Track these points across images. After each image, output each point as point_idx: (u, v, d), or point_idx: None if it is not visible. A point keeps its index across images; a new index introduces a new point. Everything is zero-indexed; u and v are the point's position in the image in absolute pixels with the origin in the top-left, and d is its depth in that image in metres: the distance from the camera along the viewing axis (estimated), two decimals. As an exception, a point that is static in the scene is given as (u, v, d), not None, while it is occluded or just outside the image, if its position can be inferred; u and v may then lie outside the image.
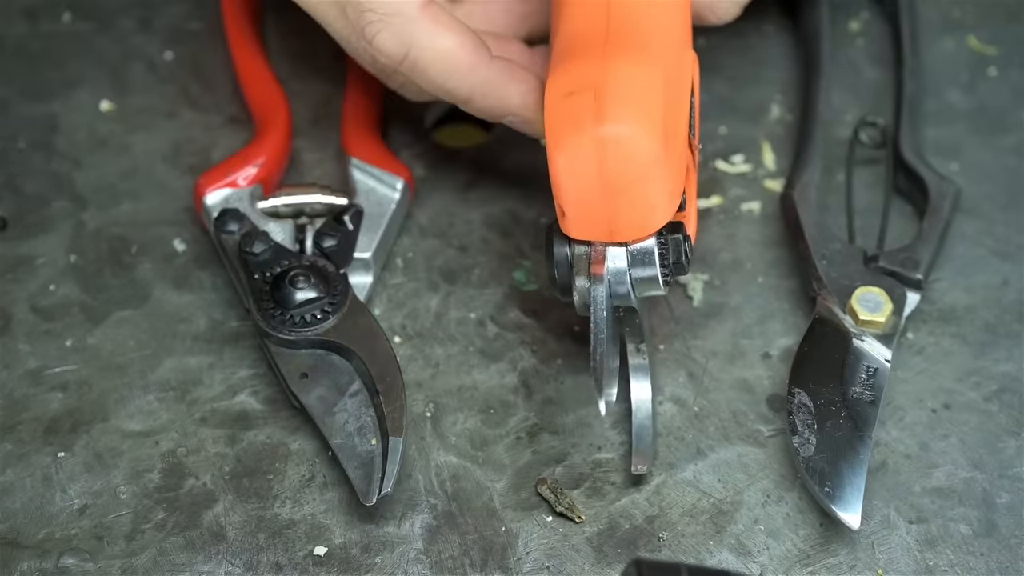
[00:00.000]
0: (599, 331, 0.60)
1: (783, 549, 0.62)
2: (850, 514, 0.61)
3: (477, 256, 0.71)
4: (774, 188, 0.74)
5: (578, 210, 0.61)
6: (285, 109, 0.72)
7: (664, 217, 0.61)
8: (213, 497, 0.63)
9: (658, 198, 0.60)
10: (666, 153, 0.60)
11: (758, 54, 0.77)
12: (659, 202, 0.60)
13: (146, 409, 0.66)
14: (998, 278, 0.71)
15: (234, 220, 0.68)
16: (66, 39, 0.79)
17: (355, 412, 0.63)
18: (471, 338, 0.68)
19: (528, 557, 0.62)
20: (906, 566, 0.61)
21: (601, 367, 0.59)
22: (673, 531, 0.62)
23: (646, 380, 0.64)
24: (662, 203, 0.61)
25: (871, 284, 0.67)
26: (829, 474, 0.61)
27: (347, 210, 0.69)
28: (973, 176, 0.74)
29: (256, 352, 0.67)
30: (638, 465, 0.63)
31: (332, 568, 0.61)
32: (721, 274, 0.71)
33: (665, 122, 0.60)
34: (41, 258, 0.71)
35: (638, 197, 0.60)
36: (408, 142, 0.75)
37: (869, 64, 0.79)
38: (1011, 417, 0.66)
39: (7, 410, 0.65)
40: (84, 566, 0.61)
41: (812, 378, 0.64)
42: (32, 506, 0.63)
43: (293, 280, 0.65)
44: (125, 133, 0.75)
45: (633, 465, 0.63)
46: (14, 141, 0.75)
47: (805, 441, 0.62)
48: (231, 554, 0.62)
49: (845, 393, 0.64)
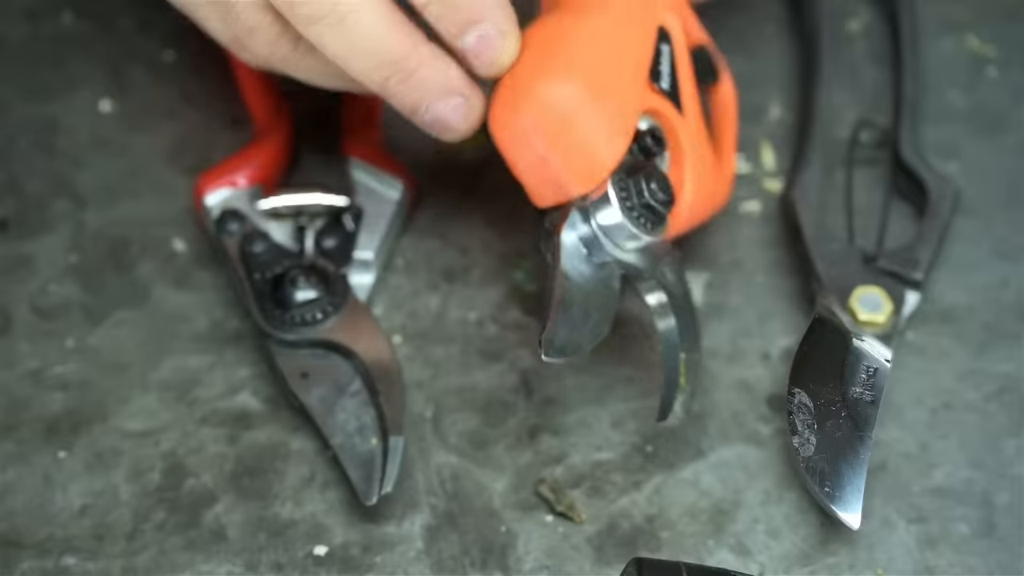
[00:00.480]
0: (558, 288, 0.60)
1: (783, 549, 0.62)
2: (850, 514, 0.61)
3: (477, 256, 0.71)
4: (774, 188, 0.74)
5: (530, 177, 0.62)
6: (285, 109, 0.73)
7: (609, 161, 0.61)
8: (213, 497, 0.63)
9: (595, 143, 0.61)
10: (593, 97, 0.61)
11: (758, 54, 0.77)
12: (597, 147, 0.61)
13: (146, 409, 0.66)
14: (998, 278, 0.71)
15: (234, 220, 0.68)
16: (66, 39, 0.79)
17: (355, 412, 0.63)
18: (471, 338, 0.68)
19: (528, 557, 0.62)
20: (906, 566, 0.61)
21: (555, 326, 0.59)
22: (673, 531, 0.62)
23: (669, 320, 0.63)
24: (600, 147, 0.61)
25: (871, 284, 0.67)
26: (829, 474, 0.61)
27: (347, 210, 0.69)
28: (973, 176, 0.74)
29: (256, 352, 0.67)
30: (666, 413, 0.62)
31: (332, 568, 0.61)
32: (721, 274, 0.71)
33: (590, 68, 0.61)
34: (41, 258, 0.71)
35: (572, 145, 0.61)
36: (408, 142, 0.75)
37: (869, 64, 0.79)
38: (1011, 417, 0.66)
39: (7, 410, 0.66)
40: (84, 566, 0.61)
41: (812, 378, 0.64)
42: (33, 506, 0.63)
43: (293, 280, 0.65)
44: (125, 133, 0.75)
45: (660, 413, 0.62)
46: (14, 141, 0.75)
47: (805, 441, 0.62)
48: (231, 554, 0.62)
49: (845, 393, 0.64)
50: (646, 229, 0.62)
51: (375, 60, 0.62)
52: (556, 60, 0.62)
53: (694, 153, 0.64)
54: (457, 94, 0.63)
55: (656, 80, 0.64)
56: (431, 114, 0.64)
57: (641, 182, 0.62)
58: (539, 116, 0.61)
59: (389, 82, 0.63)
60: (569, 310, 0.60)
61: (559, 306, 0.60)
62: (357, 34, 0.61)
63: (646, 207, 0.62)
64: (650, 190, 0.61)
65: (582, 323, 0.60)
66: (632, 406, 0.66)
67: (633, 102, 0.63)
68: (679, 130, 0.64)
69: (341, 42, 0.61)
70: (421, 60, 0.62)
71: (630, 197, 0.62)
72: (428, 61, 0.62)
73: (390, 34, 0.61)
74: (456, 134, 0.64)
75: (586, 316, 0.61)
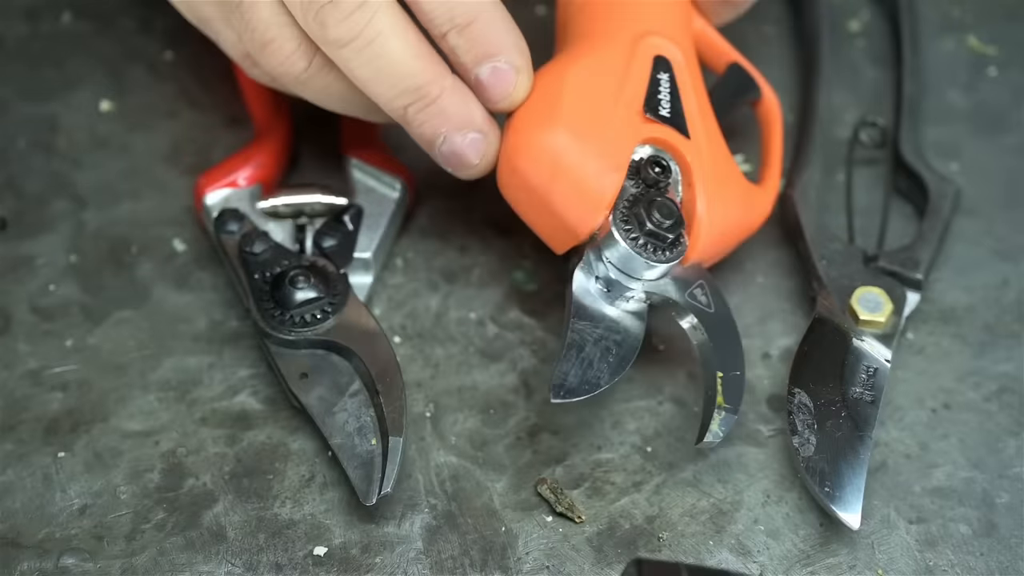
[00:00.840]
0: (568, 333, 0.62)
1: (783, 549, 0.62)
2: (850, 514, 0.61)
3: (477, 256, 0.71)
4: (774, 188, 0.74)
5: (540, 225, 0.65)
6: (285, 109, 0.72)
7: (605, 197, 0.63)
8: (213, 497, 0.63)
9: (588, 182, 0.63)
10: (580, 139, 0.62)
11: (758, 54, 0.77)
12: (590, 185, 0.63)
13: (146, 409, 0.66)
14: (998, 278, 0.71)
15: (234, 220, 0.68)
16: (66, 39, 0.79)
17: (355, 412, 0.63)
18: (471, 338, 0.68)
19: (528, 557, 0.62)
20: (906, 566, 0.61)
21: (564, 370, 0.61)
22: (673, 531, 0.62)
23: None
24: (593, 185, 0.63)
25: (871, 284, 0.67)
26: (829, 474, 0.61)
27: (347, 210, 0.69)
28: (973, 176, 0.74)
29: (256, 352, 0.67)
30: None
31: (332, 568, 0.61)
32: (721, 274, 0.71)
33: (576, 112, 0.63)
34: (41, 258, 0.71)
35: (567, 188, 0.63)
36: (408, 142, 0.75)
37: (869, 64, 0.79)
38: (1011, 417, 0.66)
39: (7, 410, 0.65)
40: (84, 566, 0.61)
41: (812, 378, 0.64)
42: (32, 506, 0.63)
43: (293, 280, 0.65)
44: (125, 133, 0.75)
45: None
46: (14, 141, 0.75)
47: (805, 441, 0.62)
48: (231, 554, 0.62)
49: (845, 393, 0.64)
50: (659, 256, 0.63)
51: (399, 86, 0.63)
52: (544, 108, 0.64)
53: (706, 173, 0.65)
54: (476, 129, 0.64)
55: (654, 110, 0.65)
56: (448, 146, 0.64)
57: (642, 212, 0.63)
58: (532, 165, 0.63)
59: (410, 109, 0.63)
60: (580, 352, 0.62)
61: (568, 351, 0.61)
62: (384, 59, 0.62)
63: (651, 235, 0.63)
64: (652, 218, 0.63)
65: (596, 364, 0.62)
66: (632, 406, 0.66)
67: (625, 137, 0.64)
68: (686, 154, 0.65)
69: (368, 67, 0.62)
70: (443, 90, 0.63)
71: (634, 228, 0.63)
72: (450, 92, 0.63)
73: (415, 60, 0.62)
74: (471, 171, 0.65)
75: (603, 356, 0.62)
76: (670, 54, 0.67)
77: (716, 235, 0.65)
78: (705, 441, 0.61)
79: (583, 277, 0.63)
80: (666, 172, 0.64)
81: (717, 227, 0.65)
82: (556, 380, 0.61)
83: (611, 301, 0.64)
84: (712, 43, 0.71)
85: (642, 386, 0.67)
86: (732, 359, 0.63)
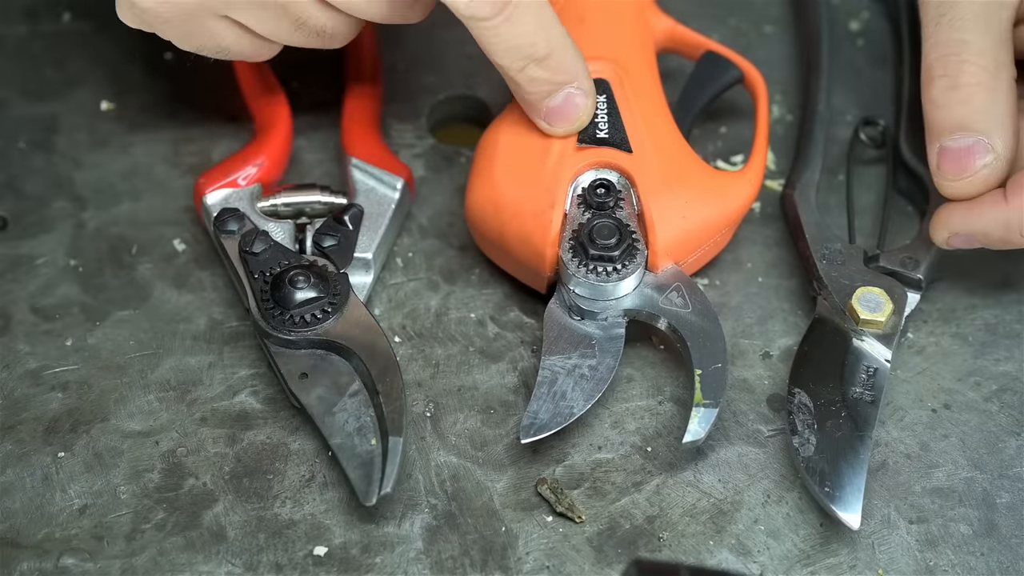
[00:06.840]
0: (539, 373, 0.64)
1: (783, 549, 0.62)
2: (850, 514, 0.61)
3: (477, 256, 0.71)
4: (774, 188, 0.74)
5: (513, 270, 0.68)
6: (285, 109, 0.72)
7: (545, 234, 0.66)
8: (213, 497, 0.63)
9: (527, 224, 0.66)
10: (513, 187, 0.66)
11: (758, 54, 0.77)
12: (530, 227, 0.66)
13: (146, 409, 0.66)
14: (998, 278, 0.71)
15: (234, 220, 0.68)
16: (66, 39, 0.79)
17: (355, 412, 0.63)
18: (471, 338, 0.68)
19: (528, 557, 0.62)
20: (906, 566, 0.61)
21: (534, 411, 0.63)
22: (673, 531, 0.62)
23: None
24: (532, 226, 0.66)
25: (871, 284, 0.67)
26: (829, 474, 0.61)
27: (347, 210, 0.69)
28: (973, 176, 0.74)
29: (256, 352, 0.67)
30: None
31: (332, 568, 0.61)
32: (721, 274, 0.71)
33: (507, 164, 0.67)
34: (41, 258, 0.71)
35: (513, 233, 0.66)
36: (408, 142, 0.75)
37: (869, 64, 0.79)
38: (1011, 417, 0.66)
39: (7, 410, 0.66)
40: (84, 566, 0.61)
41: (812, 378, 0.64)
42: (32, 506, 0.63)
43: (293, 280, 0.65)
44: (125, 133, 0.76)
45: None
46: (14, 141, 0.75)
47: (805, 441, 0.62)
48: (231, 554, 0.62)
49: (845, 393, 0.64)
50: (615, 276, 0.65)
51: None
52: (485, 165, 0.68)
53: (654, 180, 0.66)
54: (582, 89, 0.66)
55: (591, 136, 0.67)
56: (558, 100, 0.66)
57: (585, 239, 0.65)
58: (483, 220, 0.68)
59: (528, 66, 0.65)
60: (552, 387, 0.63)
61: (539, 388, 0.63)
62: None
63: (599, 259, 0.65)
64: (595, 243, 0.65)
65: (569, 393, 0.63)
66: (632, 406, 0.66)
67: (559, 173, 0.66)
68: (630, 168, 0.67)
69: None
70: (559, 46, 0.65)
71: (581, 257, 0.65)
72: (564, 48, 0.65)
73: None
74: (571, 127, 0.67)
75: (576, 384, 0.64)
76: (605, 74, 0.69)
77: (678, 236, 0.66)
78: (687, 440, 0.62)
79: (557, 310, 0.66)
80: (611, 191, 0.66)
81: (675, 228, 0.66)
82: (525, 421, 0.63)
83: (589, 326, 0.65)
84: (684, 38, 0.73)
85: (642, 386, 0.67)
86: (712, 354, 0.64)
